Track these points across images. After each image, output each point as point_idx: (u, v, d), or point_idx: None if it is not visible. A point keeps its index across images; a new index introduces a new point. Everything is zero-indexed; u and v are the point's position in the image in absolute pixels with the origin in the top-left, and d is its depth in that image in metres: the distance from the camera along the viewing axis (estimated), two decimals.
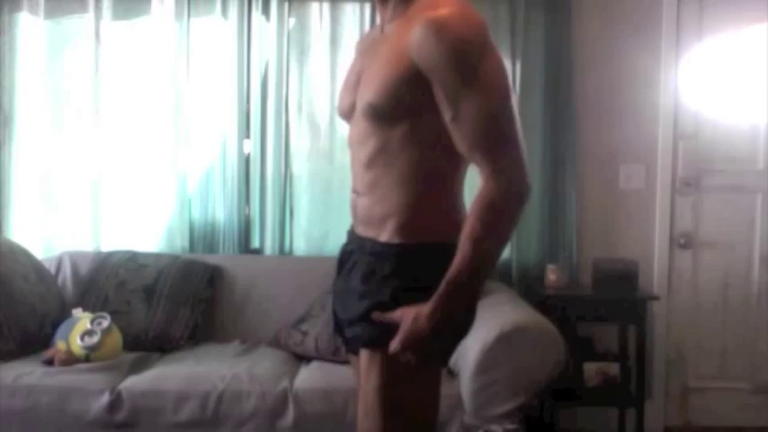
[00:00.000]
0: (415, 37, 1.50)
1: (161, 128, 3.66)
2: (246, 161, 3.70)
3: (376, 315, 1.58)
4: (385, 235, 1.64)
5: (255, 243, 3.73)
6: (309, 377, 2.92)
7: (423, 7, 1.54)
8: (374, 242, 1.66)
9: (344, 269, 1.76)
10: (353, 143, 1.72)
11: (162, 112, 3.66)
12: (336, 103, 1.84)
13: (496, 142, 1.50)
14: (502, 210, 1.50)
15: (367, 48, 1.75)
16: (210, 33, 3.67)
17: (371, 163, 1.65)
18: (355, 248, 1.73)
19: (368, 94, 1.60)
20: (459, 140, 1.54)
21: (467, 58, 1.48)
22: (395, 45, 1.57)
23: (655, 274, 3.72)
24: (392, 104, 1.57)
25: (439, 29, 1.47)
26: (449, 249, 1.52)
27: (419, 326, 1.51)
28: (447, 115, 1.53)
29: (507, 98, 1.52)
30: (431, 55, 1.48)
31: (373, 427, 1.63)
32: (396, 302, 1.58)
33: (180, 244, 3.67)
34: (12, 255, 3.27)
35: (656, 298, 3.57)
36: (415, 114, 1.57)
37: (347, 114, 1.76)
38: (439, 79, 1.50)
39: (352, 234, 1.78)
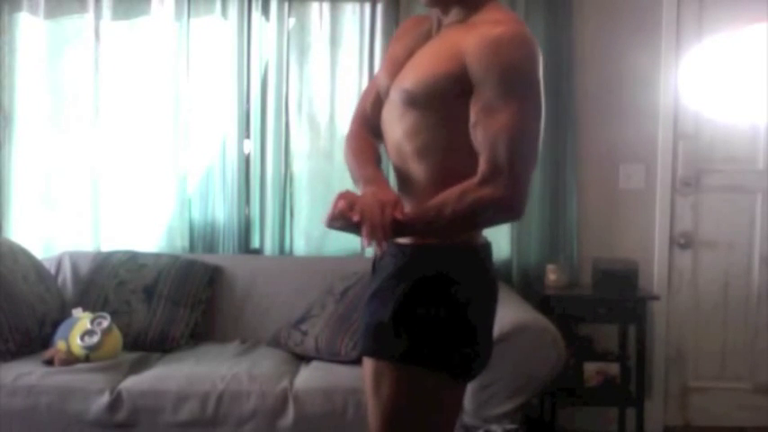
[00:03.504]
0: (473, 47, 1.59)
1: (161, 128, 3.66)
2: (246, 161, 3.70)
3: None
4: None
5: (255, 243, 3.73)
6: (309, 377, 2.92)
7: (485, 20, 1.63)
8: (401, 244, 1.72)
9: (376, 273, 1.79)
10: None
11: (162, 113, 3.65)
12: (383, 83, 1.82)
13: (514, 156, 1.58)
14: (483, 210, 1.61)
15: (420, 40, 1.77)
16: (210, 33, 3.67)
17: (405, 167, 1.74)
18: (389, 251, 1.76)
19: (407, 81, 1.67)
20: (481, 142, 1.60)
21: (515, 79, 1.59)
22: (449, 44, 1.65)
23: (655, 274, 3.72)
24: (429, 95, 1.64)
25: (498, 48, 1.57)
26: (467, 248, 1.69)
27: (376, 201, 1.55)
28: (473, 118, 1.61)
29: (536, 127, 1.62)
30: (485, 69, 1.58)
31: None
32: (414, 295, 1.65)
33: (180, 244, 3.67)
34: (12, 255, 3.27)
35: (656, 298, 3.57)
36: (448, 118, 1.65)
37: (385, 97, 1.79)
38: (483, 90, 1.59)
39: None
